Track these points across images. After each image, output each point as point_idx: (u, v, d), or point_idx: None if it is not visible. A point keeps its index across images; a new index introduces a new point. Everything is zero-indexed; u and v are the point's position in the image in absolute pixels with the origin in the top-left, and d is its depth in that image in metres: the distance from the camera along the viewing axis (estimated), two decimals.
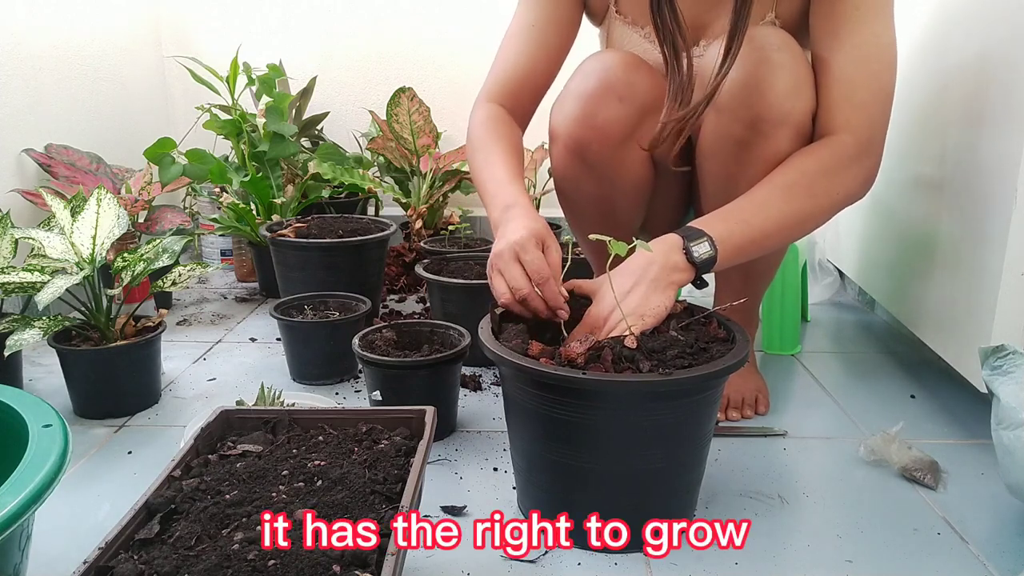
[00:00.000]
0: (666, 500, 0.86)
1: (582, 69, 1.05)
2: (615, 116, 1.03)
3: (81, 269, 1.11)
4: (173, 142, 1.67)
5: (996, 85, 1.04)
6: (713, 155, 1.03)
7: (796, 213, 0.94)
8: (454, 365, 1.12)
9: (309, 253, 1.53)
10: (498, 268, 0.90)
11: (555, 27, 1.09)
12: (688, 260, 0.90)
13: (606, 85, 1.02)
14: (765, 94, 0.93)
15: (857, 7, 0.93)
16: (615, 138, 1.05)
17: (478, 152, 1.04)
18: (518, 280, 0.87)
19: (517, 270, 0.88)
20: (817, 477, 1.02)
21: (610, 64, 1.03)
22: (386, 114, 1.91)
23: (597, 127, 1.04)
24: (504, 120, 1.07)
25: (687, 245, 0.90)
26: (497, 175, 0.98)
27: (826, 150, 0.95)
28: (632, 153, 1.07)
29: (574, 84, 1.05)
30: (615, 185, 1.10)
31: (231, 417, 0.81)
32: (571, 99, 1.05)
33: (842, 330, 1.61)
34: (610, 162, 1.07)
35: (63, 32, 1.70)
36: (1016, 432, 0.85)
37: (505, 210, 0.93)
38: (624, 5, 1.11)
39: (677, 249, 0.90)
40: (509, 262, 0.88)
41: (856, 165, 0.95)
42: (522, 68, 1.09)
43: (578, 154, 1.07)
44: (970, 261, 1.09)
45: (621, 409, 0.80)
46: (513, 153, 1.02)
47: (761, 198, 0.94)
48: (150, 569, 0.57)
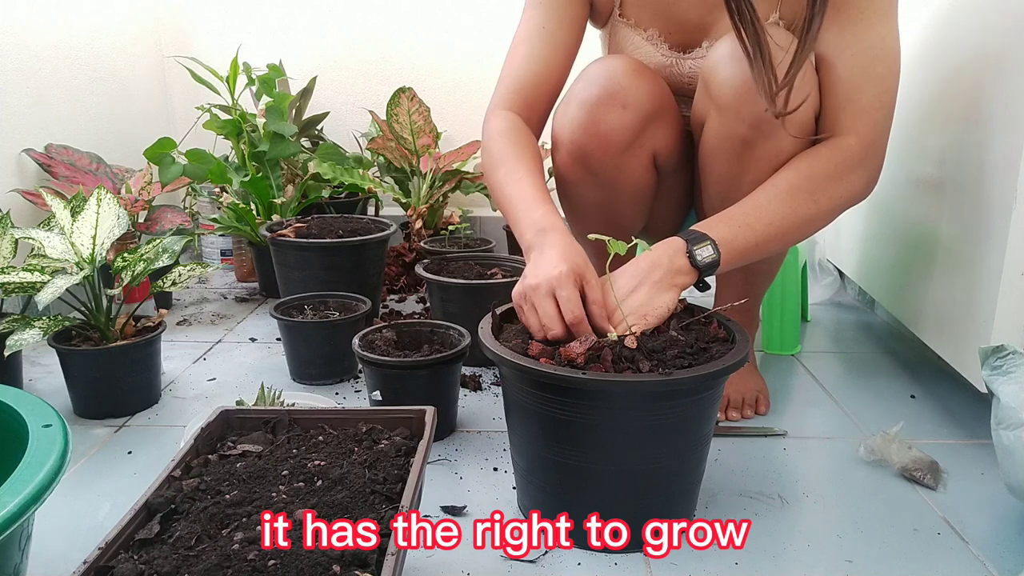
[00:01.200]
0: (666, 500, 0.86)
1: (586, 75, 1.05)
2: (619, 124, 1.03)
3: (81, 269, 1.11)
4: (173, 142, 1.67)
5: (996, 85, 1.04)
6: (716, 155, 1.03)
7: (799, 216, 0.94)
8: (454, 365, 1.12)
9: (309, 253, 1.53)
10: (532, 302, 0.86)
11: (565, 29, 1.07)
12: (691, 263, 0.90)
13: (610, 92, 1.01)
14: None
15: (863, 10, 0.93)
16: (619, 145, 1.04)
17: (500, 166, 1.00)
18: (551, 319, 0.84)
19: (552, 308, 0.85)
20: (817, 477, 1.02)
21: (614, 71, 1.02)
22: (386, 114, 1.91)
23: (601, 134, 1.03)
24: (523, 130, 1.04)
25: (690, 249, 0.90)
26: (527, 193, 0.95)
27: (829, 152, 0.95)
28: (635, 160, 1.07)
29: (578, 90, 1.04)
30: (618, 190, 1.10)
31: (231, 417, 0.81)
32: (575, 105, 1.04)
33: (842, 330, 1.61)
34: (613, 169, 1.07)
35: (63, 32, 1.70)
36: (1016, 432, 0.85)
37: (540, 233, 0.91)
38: (628, 8, 1.11)
39: (680, 252, 0.90)
40: (544, 297, 0.85)
41: (860, 168, 0.95)
42: (535, 72, 1.07)
43: (581, 161, 1.06)
44: (970, 261, 1.09)
45: (621, 409, 0.80)
46: (538, 168, 1.00)
47: (764, 201, 0.94)
48: (150, 569, 0.57)
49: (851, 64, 0.94)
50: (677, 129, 1.11)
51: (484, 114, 1.08)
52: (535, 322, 0.86)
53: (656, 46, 1.11)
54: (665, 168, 1.13)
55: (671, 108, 1.09)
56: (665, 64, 1.11)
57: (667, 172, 1.14)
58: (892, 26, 0.94)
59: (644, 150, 1.07)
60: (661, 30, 1.10)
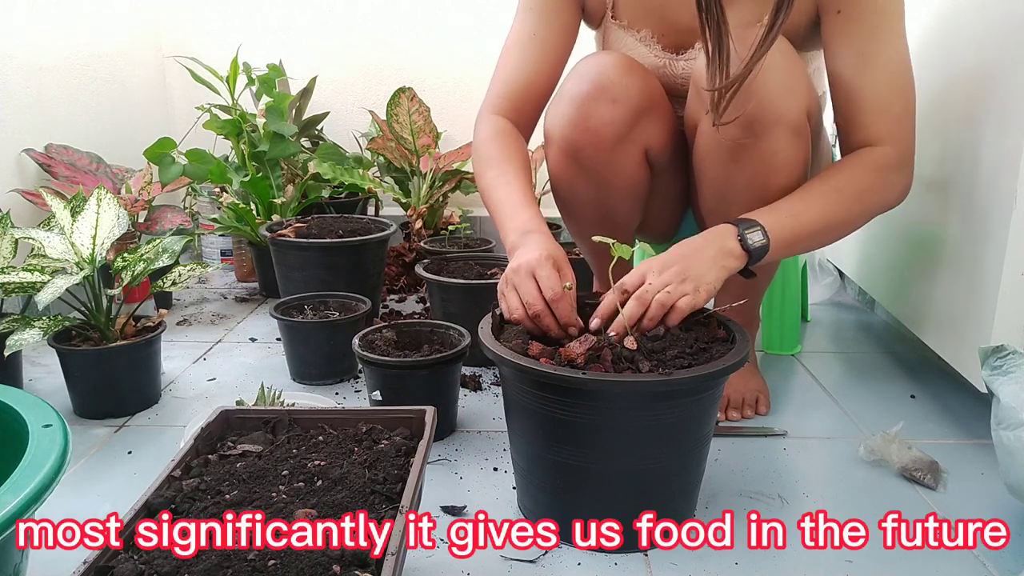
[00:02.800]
0: (666, 500, 0.86)
1: (576, 71, 1.05)
2: (609, 118, 1.03)
3: (81, 269, 1.11)
4: (173, 142, 1.67)
5: (996, 85, 1.04)
6: (709, 157, 1.03)
7: (842, 215, 0.96)
8: (454, 365, 1.12)
9: (309, 253, 1.53)
10: (513, 284, 0.90)
11: (556, 35, 1.09)
12: (742, 247, 0.91)
13: (600, 87, 1.02)
14: (758, 95, 0.93)
15: (877, 25, 0.96)
16: (609, 140, 1.05)
17: (488, 170, 1.03)
18: (532, 295, 0.87)
19: (531, 286, 0.88)
20: (817, 477, 1.02)
21: (604, 66, 1.03)
22: (386, 114, 1.91)
23: (591, 129, 1.04)
24: (512, 135, 1.07)
25: (742, 232, 0.91)
26: (513, 197, 0.99)
27: (873, 159, 0.97)
28: (627, 155, 1.07)
29: (568, 86, 1.05)
30: (610, 186, 1.10)
31: (231, 417, 0.81)
32: (565, 102, 1.05)
33: (842, 330, 1.61)
34: (605, 164, 1.07)
35: (63, 32, 1.70)
36: (1016, 432, 0.85)
37: (524, 235, 0.94)
38: (620, 10, 1.11)
39: (732, 235, 0.91)
40: (524, 278, 0.88)
41: (897, 175, 0.98)
42: (524, 78, 1.09)
43: (572, 156, 1.07)
44: (970, 261, 1.09)
45: (621, 409, 0.80)
46: (525, 173, 1.03)
47: (813, 196, 0.96)
48: (150, 569, 0.57)
49: (877, 79, 0.96)
50: (669, 124, 1.12)
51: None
52: (515, 301, 0.89)
53: (649, 47, 1.11)
54: (658, 164, 1.13)
55: (662, 103, 1.09)
56: (658, 65, 1.11)
57: (661, 168, 1.14)
58: (905, 40, 0.97)
59: (636, 145, 1.07)
60: (654, 31, 1.10)
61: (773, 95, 0.94)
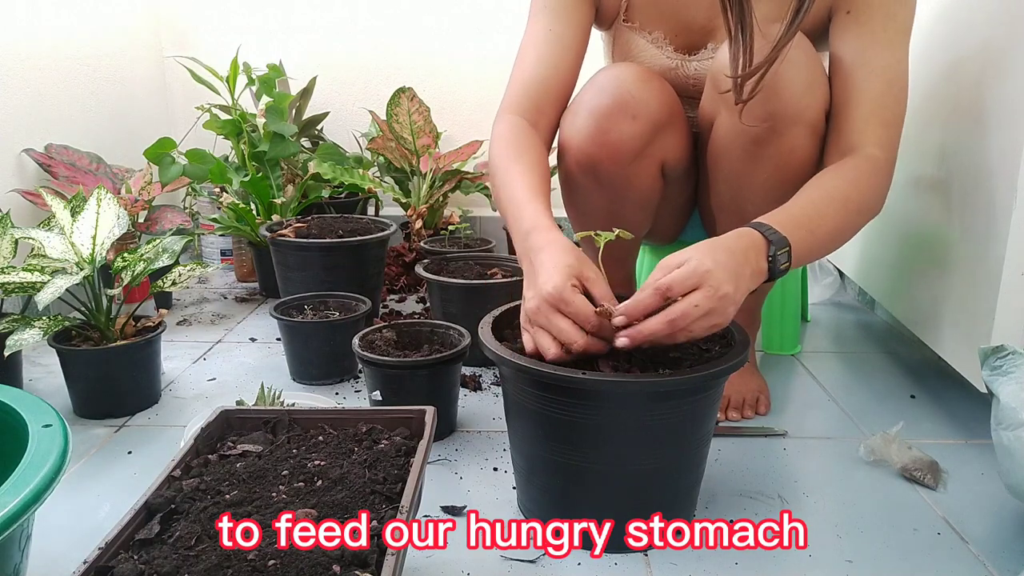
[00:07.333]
0: (667, 500, 0.86)
1: (595, 83, 1.03)
2: (628, 134, 1.02)
3: (81, 269, 1.11)
4: (173, 142, 1.67)
5: (996, 85, 1.04)
6: (726, 153, 1.03)
7: (846, 226, 0.93)
8: (454, 365, 1.12)
9: (309, 253, 1.53)
10: (540, 325, 0.80)
11: (572, 32, 1.06)
12: (769, 268, 0.83)
13: (620, 102, 1.00)
14: (780, 90, 0.93)
15: (885, 29, 0.95)
16: (627, 156, 1.03)
17: (498, 172, 0.98)
18: (569, 334, 0.78)
19: (564, 323, 0.78)
20: (817, 477, 1.02)
21: (624, 80, 1.01)
22: (386, 114, 1.91)
23: (609, 144, 1.02)
24: (526, 133, 1.01)
25: (774, 253, 0.83)
26: (516, 195, 0.92)
27: (867, 164, 0.94)
28: (644, 169, 1.06)
29: (587, 99, 1.03)
30: (625, 198, 1.09)
31: (231, 417, 0.81)
32: (584, 114, 1.03)
33: (842, 330, 1.61)
34: (621, 178, 1.06)
35: (63, 32, 1.70)
36: (1016, 432, 0.85)
37: (526, 237, 0.87)
38: (634, 12, 1.11)
39: (763, 255, 0.83)
40: (551, 316, 0.79)
41: (885, 180, 0.96)
42: (544, 75, 1.05)
43: (589, 169, 1.05)
44: (970, 261, 1.09)
45: (621, 409, 0.80)
46: (534, 169, 0.95)
47: (827, 210, 0.90)
48: (150, 569, 0.57)
49: (875, 80, 0.95)
50: (686, 137, 1.11)
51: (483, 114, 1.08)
52: (547, 342, 0.79)
53: (661, 48, 1.11)
54: (672, 175, 1.12)
55: (680, 116, 1.09)
56: (670, 66, 1.11)
57: (673, 179, 1.14)
58: (906, 53, 0.97)
59: (653, 159, 1.07)
60: (666, 32, 1.10)
61: (795, 92, 0.93)
